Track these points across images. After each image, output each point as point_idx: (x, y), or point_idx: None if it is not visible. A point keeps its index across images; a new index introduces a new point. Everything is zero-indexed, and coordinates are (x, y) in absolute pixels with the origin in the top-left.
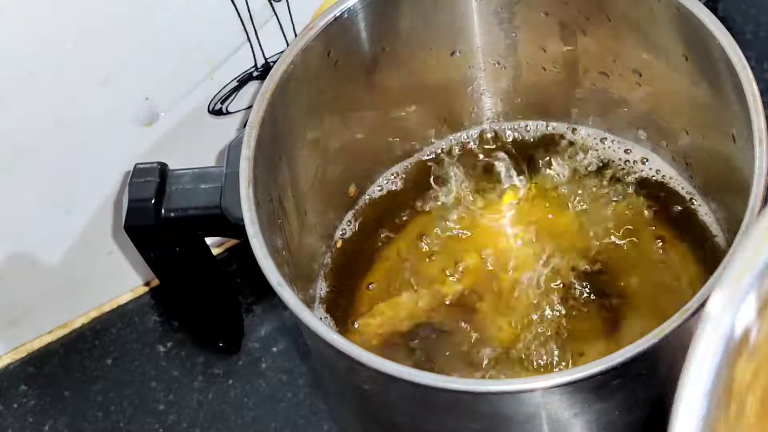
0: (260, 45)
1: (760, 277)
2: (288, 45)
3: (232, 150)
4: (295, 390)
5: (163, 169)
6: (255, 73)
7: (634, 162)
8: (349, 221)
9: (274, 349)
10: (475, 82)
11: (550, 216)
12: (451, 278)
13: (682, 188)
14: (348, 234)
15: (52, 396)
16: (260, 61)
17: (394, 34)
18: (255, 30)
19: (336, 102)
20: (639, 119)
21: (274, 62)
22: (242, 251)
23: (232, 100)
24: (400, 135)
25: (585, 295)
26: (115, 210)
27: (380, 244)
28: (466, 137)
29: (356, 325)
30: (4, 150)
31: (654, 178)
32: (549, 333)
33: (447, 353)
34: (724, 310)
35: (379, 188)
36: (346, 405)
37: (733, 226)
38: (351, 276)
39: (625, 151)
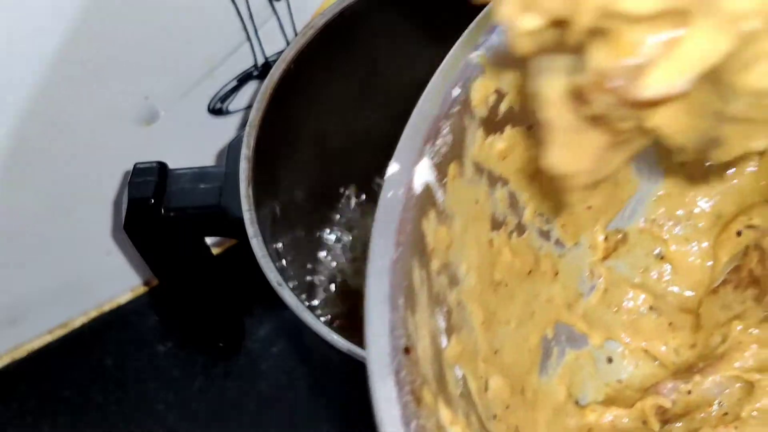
0: (260, 45)
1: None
2: (288, 45)
3: (232, 150)
4: (295, 390)
5: (162, 169)
6: (255, 73)
7: None
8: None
9: (274, 349)
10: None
11: None
12: None
13: None
14: None
15: (52, 396)
16: (260, 61)
17: (393, 35)
18: (255, 29)
19: (336, 102)
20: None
21: (274, 62)
22: (242, 251)
23: (232, 99)
24: (400, 135)
25: None
26: (114, 210)
27: None
28: None
29: None
30: (4, 150)
31: None
32: None
33: None
34: (401, 171)
35: (377, 188)
36: (345, 405)
37: None
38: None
39: None
